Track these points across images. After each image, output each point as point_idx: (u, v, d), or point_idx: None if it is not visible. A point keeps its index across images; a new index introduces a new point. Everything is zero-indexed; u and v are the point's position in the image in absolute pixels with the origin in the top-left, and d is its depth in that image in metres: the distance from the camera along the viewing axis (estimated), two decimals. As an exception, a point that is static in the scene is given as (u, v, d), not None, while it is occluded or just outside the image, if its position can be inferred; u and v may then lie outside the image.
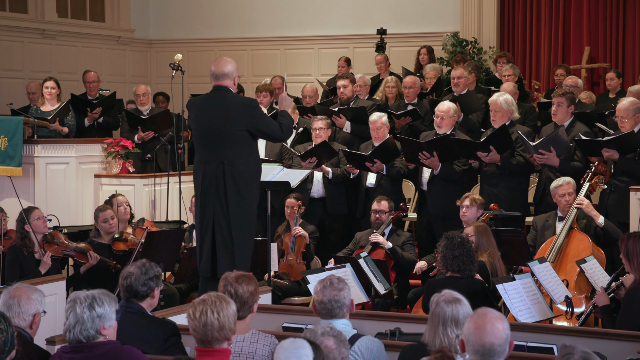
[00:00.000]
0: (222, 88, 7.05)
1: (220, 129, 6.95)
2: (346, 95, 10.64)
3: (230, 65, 7.11)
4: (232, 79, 7.10)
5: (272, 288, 7.60)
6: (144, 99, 11.15)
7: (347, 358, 4.11)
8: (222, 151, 6.96)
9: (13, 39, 14.57)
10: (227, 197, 6.93)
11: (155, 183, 10.22)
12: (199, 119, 7.08)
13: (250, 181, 7.04)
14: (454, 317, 4.50)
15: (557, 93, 8.80)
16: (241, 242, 6.98)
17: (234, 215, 6.94)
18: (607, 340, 5.46)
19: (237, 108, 6.96)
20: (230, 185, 6.93)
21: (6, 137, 9.86)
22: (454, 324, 4.50)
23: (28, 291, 4.84)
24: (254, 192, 7.10)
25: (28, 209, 8.31)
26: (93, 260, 8.25)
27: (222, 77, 7.08)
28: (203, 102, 7.19)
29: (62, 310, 7.01)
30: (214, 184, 6.96)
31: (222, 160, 6.95)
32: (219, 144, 6.96)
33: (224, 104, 6.99)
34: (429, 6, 14.89)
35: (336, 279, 5.00)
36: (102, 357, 4.37)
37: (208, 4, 16.38)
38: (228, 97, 7.03)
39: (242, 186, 6.95)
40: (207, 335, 4.37)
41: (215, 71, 7.09)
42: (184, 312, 5.87)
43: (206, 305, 4.41)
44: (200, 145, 7.11)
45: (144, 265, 5.34)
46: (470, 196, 8.15)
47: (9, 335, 4.10)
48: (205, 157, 7.03)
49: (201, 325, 4.37)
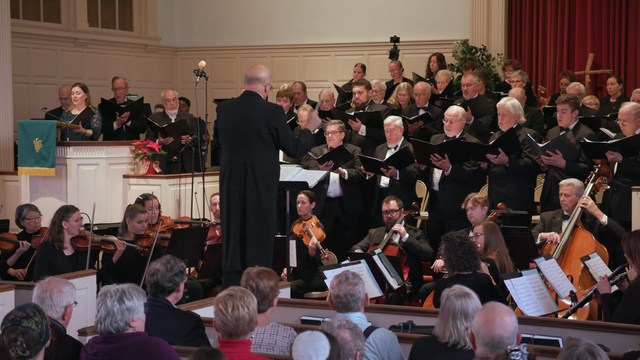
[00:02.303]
0: (252, 93, 7.09)
1: (246, 131, 6.98)
2: (361, 101, 10.67)
3: (264, 73, 7.14)
4: (263, 85, 7.12)
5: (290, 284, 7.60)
6: (173, 103, 11.24)
7: (362, 350, 4.10)
8: (246, 152, 6.99)
9: (47, 47, 14.64)
10: (249, 196, 6.96)
11: (180, 183, 10.25)
12: (227, 121, 7.11)
13: (271, 182, 7.06)
14: (463, 310, 4.50)
15: (561, 100, 8.76)
16: (259, 240, 6.99)
17: (253, 213, 6.96)
18: (610, 333, 5.44)
19: (264, 112, 7.00)
20: (251, 185, 6.96)
21: (40, 139, 9.92)
22: (464, 317, 4.49)
23: (59, 284, 4.85)
24: (274, 193, 7.11)
25: (70, 207, 8.28)
26: (121, 246, 8.26)
27: (255, 82, 7.10)
28: (232, 105, 7.23)
29: (93, 303, 7.04)
30: (238, 183, 6.99)
31: (246, 160, 6.98)
32: (244, 146, 6.99)
33: (252, 108, 7.02)
34: (440, 15, 14.86)
35: (351, 274, 4.99)
36: (131, 347, 4.39)
37: (230, 14, 16.40)
38: (257, 101, 7.06)
39: (261, 187, 6.97)
40: (238, 329, 4.38)
41: (249, 75, 7.13)
42: (208, 305, 5.90)
43: (236, 300, 4.41)
44: (227, 146, 7.13)
45: (169, 262, 5.36)
46: (472, 197, 8.12)
47: (43, 326, 4.12)
48: (231, 158, 7.07)
49: (233, 319, 4.37)
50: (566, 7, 14.12)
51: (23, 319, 4.08)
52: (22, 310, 4.12)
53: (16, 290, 6.86)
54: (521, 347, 3.55)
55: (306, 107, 10.52)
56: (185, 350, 4.65)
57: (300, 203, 9.04)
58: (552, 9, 14.22)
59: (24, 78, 14.10)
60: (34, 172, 10.05)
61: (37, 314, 4.12)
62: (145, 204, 8.79)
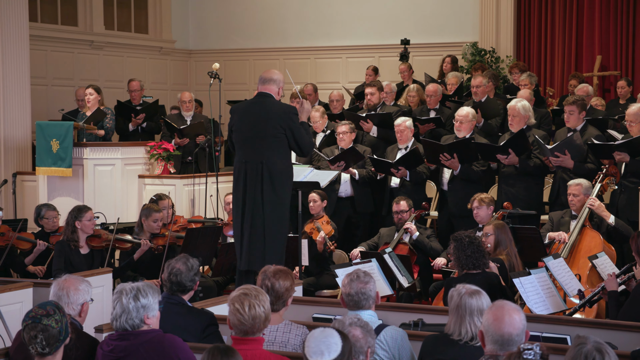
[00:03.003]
0: (265, 94, 7.09)
1: (260, 131, 6.98)
2: (373, 102, 10.69)
3: (278, 75, 7.17)
4: (277, 86, 7.13)
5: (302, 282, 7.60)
6: (189, 105, 11.28)
7: (373, 347, 4.10)
8: (261, 152, 6.99)
9: (64, 50, 14.69)
10: (264, 195, 6.95)
11: (194, 183, 10.27)
12: (242, 121, 7.11)
13: (285, 181, 7.07)
14: (479, 307, 4.50)
15: (568, 102, 8.75)
16: (274, 239, 6.99)
17: (268, 212, 6.96)
18: (618, 331, 5.42)
19: (278, 112, 7.00)
20: (267, 184, 6.96)
21: (58, 140, 9.96)
22: (480, 313, 4.49)
23: (76, 282, 4.86)
24: (287, 192, 7.11)
25: (83, 207, 8.30)
26: (145, 246, 8.30)
27: (269, 82, 7.12)
28: (247, 106, 7.24)
29: (109, 300, 7.07)
30: (253, 182, 6.98)
31: (261, 160, 6.98)
32: (258, 145, 6.99)
33: (266, 108, 7.03)
34: (449, 18, 14.84)
35: (362, 273, 4.99)
36: (146, 344, 4.40)
37: (243, 17, 16.42)
38: (271, 102, 7.07)
39: (277, 185, 6.98)
40: (255, 327, 4.38)
41: (264, 76, 7.15)
42: (222, 303, 5.91)
43: (252, 299, 4.41)
44: (241, 146, 7.12)
45: (188, 261, 5.39)
46: (478, 197, 8.09)
47: (63, 324, 4.13)
48: (246, 157, 7.06)
49: (250, 318, 4.37)
50: (574, 10, 14.08)
51: (43, 316, 4.10)
52: (42, 308, 4.14)
53: (34, 288, 6.89)
54: (534, 345, 3.55)
55: (318, 109, 10.53)
56: (200, 347, 4.66)
57: (312, 202, 9.04)
58: (561, 11, 14.18)
59: (41, 80, 14.15)
60: (52, 173, 10.08)
61: (57, 312, 4.14)
62: (159, 203, 8.81)
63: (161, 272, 8.09)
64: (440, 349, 4.59)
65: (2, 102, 10.96)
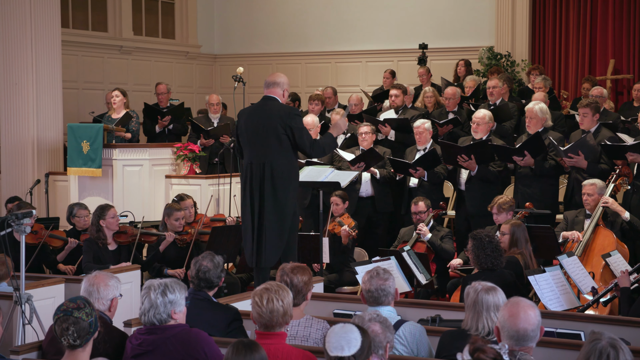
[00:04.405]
0: (270, 97, 7.06)
1: (264, 133, 6.93)
2: (397, 104, 10.69)
3: (282, 78, 7.13)
4: (281, 89, 7.09)
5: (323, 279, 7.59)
6: (216, 108, 11.31)
7: (392, 342, 4.10)
8: (264, 153, 6.93)
9: (94, 54, 14.78)
10: (265, 195, 6.89)
11: (219, 183, 10.29)
12: (247, 124, 7.07)
13: (287, 183, 6.95)
14: (495, 303, 4.50)
15: (582, 104, 8.72)
16: (274, 238, 6.90)
17: (270, 212, 6.89)
18: (631, 328, 5.38)
19: (280, 113, 6.93)
20: (268, 185, 6.88)
21: (88, 141, 10.01)
22: (496, 309, 4.48)
23: (105, 278, 4.89)
24: (290, 194, 6.98)
25: (105, 206, 8.37)
26: (170, 237, 8.33)
27: (273, 85, 7.09)
28: (252, 110, 7.22)
29: (137, 296, 7.11)
30: (257, 183, 6.93)
31: (264, 161, 6.91)
32: (262, 147, 6.94)
33: (270, 110, 6.98)
34: (466, 23, 14.80)
35: (382, 270, 4.99)
36: (173, 338, 4.41)
37: (266, 22, 16.45)
38: (274, 104, 7.02)
39: (278, 186, 6.88)
40: (272, 321, 4.39)
41: (268, 80, 7.13)
42: (245, 299, 5.92)
43: (271, 294, 4.42)
44: (247, 147, 7.09)
45: (214, 258, 5.42)
46: (497, 203, 7.95)
47: (93, 318, 4.16)
48: (251, 159, 7.01)
49: (268, 311, 4.38)
50: (588, 15, 14.01)
51: (75, 310, 4.13)
52: (73, 302, 4.17)
53: (66, 284, 6.93)
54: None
55: (339, 112, 10.54)
56: (224, 341, 4.67)
57: (334, 205, 9.02)
58: (575, 16, 14.11)
59: (73, 84, 14.24)
60: (82, 173, 10.14)
61: (87, 306, 4.17)
62: (181, 204, 8.85)
63: (185, 263, 8.16)
64: (457, 344, 4.57)
65: (35, 105, 11.03)
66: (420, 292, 7.87)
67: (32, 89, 11.00)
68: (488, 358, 3.39)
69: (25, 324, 5.77)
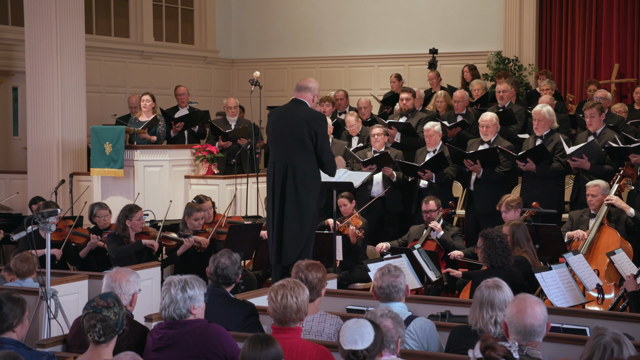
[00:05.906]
0: (299, 100, 7.02)
1: (289, 135, 6.91)
2: (407, 107, 10.68)
3: (314, 83, 7.08)
4: (312, 94, 7.04)
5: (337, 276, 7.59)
6: (234, 111, 11.33)
7: (403, 337, 4.10)
8: (288, 154, 6.91)
9: (117, 59, 14.84)
10: (286, 195, 6.88)
11: (236, 183, 10.31)
12: (275, 125, 7.06)
13: (309, 184, 6.91)
14: (503, 300, 4.48)
15: (588, 106, 8.73)
16: (294, 236, 6.88)
17: (291, 212, 6.88)
18: (635, 323, 5.36)
19: (307, 117, 6.89)
20: (290, 185, 6.86)
21: (111, 143, 10.05)
22: (490, 306, 4.47)
23: (126, 274, 4.91)
24: (312, 194, 6.95)
25: (134, 207, 8.38)
26: (188, 242, 8.35)
27: (304, 90, 7.05)
28: (281, 111, 7.19)
29: (157, 292, 7.13)
30: (280, 183, 6.92)
31: (288, 162, 6.89)
32: (287, 148, 6.92)
33: (297, 114, 6.95)
34: (475, 28, 14.77)
35: (393, 267, 4.99)
36: (192, 332, 4.43)
37: (282, 28, 16.46)
38: (302, 108, 6.99)
39: (300, 187, 6.86)
40: (286, 316, 4.40)
41: (300, 84, 7.07)
42: (262, 295, 5.93)
43: (286, 290, 4.43)
44: (273, 148, 7.09)
45: (232, 255, 5.43)
46: (505, 201, 7.96)
47: (120, 317, 4.20)
48: (275, 159, 7.00)
49: (281, 307, 4.39)
50: (593, 20, 13.96)
51: (104, 308, 4.15)
52: (104, 300, 4.19)
53: (89, 280, 6.97)
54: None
55: (352, 114, 10.62)
56: (241, 335, 4.68)
57: (342, 206, 9.00)
58: (580, 21, 14.06)
59: (96, 88, 14.30)
60: (105, 173, 10.19)
61: (117, 305, 4.19)
62: (201, 205, 8.87)
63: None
64: (467, 339, 4.57)
65: (60, 108, 11.10)
66: (431, 289, 7.86)
67: (58, 93, 11.07)
68: (499, 356, 3.38)
69: (50, 318, 5.81)
